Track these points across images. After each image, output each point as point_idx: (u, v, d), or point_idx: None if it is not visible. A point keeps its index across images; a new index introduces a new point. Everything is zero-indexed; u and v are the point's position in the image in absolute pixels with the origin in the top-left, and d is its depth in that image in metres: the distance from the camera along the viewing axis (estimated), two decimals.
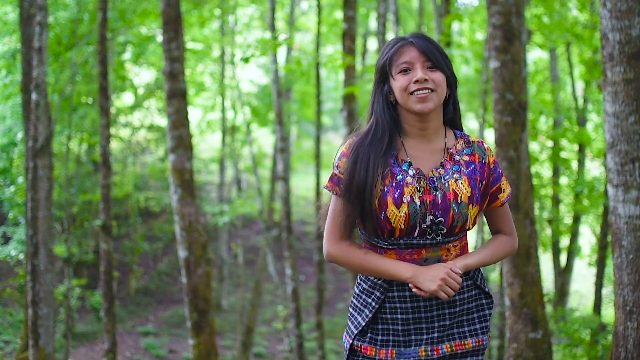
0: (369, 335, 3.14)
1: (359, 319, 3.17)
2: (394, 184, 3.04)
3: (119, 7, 17.19)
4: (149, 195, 28.37)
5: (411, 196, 3.02)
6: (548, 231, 19.29)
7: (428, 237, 3.06)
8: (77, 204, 21.68)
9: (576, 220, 18.87)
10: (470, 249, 3.28)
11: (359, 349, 3.15)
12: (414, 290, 3.01)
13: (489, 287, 3.20)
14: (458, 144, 3.19)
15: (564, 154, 18.74)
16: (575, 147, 18.91)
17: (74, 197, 20.58)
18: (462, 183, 3.07)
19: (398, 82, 3.06)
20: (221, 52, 26.20)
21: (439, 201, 3.03)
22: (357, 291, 3.22)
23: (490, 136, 21.22)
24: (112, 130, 24.68)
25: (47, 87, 11.74)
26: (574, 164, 19.08)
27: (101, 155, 12.75)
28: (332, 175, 3.15)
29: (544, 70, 21.45)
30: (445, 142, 3.17)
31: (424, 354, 3.08)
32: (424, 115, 3.07)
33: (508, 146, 6.50)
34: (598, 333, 11.30)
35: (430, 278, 2.98)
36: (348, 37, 10.21)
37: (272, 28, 16.49)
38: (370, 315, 3.11)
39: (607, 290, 18.88)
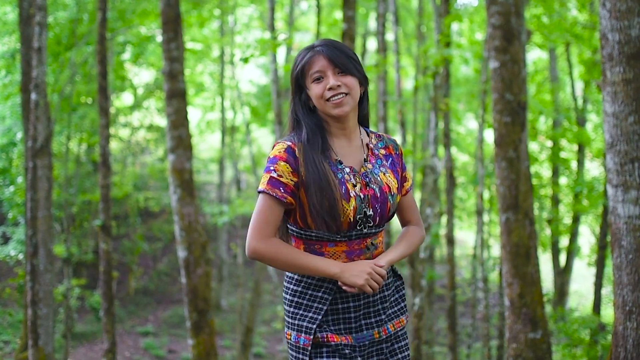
0: (326, 326, 3.26)
1: (311, 314, 3.26)
2: (336, 181, 3.22)
3: (118, 7, 17.20)
4: (148, 195, 28.38)
5: (354, 191, 3.22)
6: (547, 231, 19.32)
7: (369, 227, 3.27)
8: (76, 204, 21.69)
9: (576, 220, 18.89)
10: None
11: (325, 340, 3.24)
12: (342, 286, 3.17)
13: (398, 269, 3.52)
14: (372, 140, 3.45)
15: (563, 154, 18.76)
16: (575, 147, 18.93)
17: (74, 197, 20.58)
18: (389, 176, 3.35)
19: (313, 91, 3.25)
20: (221, 52, 26.22)
21: (378, 194, 3.27)
22: (299, 288, 3.31)
23: (489, 136, 21.22)
24: (112, 130, 24.70)
25: (46, 87, 11.72)
26: (574, 164, 19.10)
27: (101, 155, 12.74)
28: (270, 180, 3.21)
29: (544, 71, 21.48)
30: (362, 139, 3.41)
31: (377, 335, 3.31)
32: (342, 118, 3.28)
33: (507, 146, 6.50)
34: (597, 333, 11.30)
35: (357, 273, 3.15)
36: (347, 37, 10.18)
37: (272, 28, 16.49)
38: (324, 308, 3.23)
39: (607, 291, 18.88)
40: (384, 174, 3.32)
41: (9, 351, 18.09)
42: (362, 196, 3.21)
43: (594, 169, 21.30)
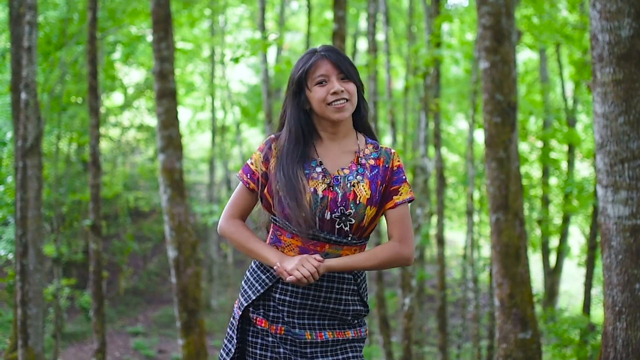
0: (261, 310, 3.39)
1: (249, 292, 3.41)
2: (303, 182, 3.31)
3: (108, 6, 17.17)
4: (138, 195, 28.36)
5: (314, 188, 3.28)
6: (537, 231, 19.38)
7: (335, 235, 3.29)
8: (66, 204, 21.65)
9: (565, 220, 18.93)
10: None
11: (254, 320, 3.40)
12: (275, 273, 3.28)
13: (368, 298, 3.51)
14: (367, 149, 3.44)
15: (553, 155, 18.79)
16: (565, 147, 18.96)
17: (64, 197, 20.54)
18: (363, 185, 3.31)
19: (316, 94, 3.31)
20: (211, 52, 26.21)
21: (339, 199, 3.27)
22: (254, 266, 3.49)
23: (480, 136, 21.25)
24: (102, 130, 24.66)
25: (36, 86, 11.69)
26: (564, 165, 19.14)
27: (91, 155, 12.71)
28: (245, 166, 3.47)
29: (534, 71, 21.54)
30: (358, 146, 3.44)
31: (309, 337, 3.32)
32: (339, 122, 3.36)
33: (498, 147, 6.51)
34: (587, 333, 11.34)
35: (292, 262, 3.22)
36: (338, 38, 10.18)
37: (262, 28, 16.48)
38: (261, 291, 3.37)
39: (597, 291, 18.95)
40: (358, 182, 3.31)
41: None
42: (321, 196, 3.27)
43: (584, 169, 21.34)
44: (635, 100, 4.27)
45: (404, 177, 3.38)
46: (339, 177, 3.32)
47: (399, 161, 3.42)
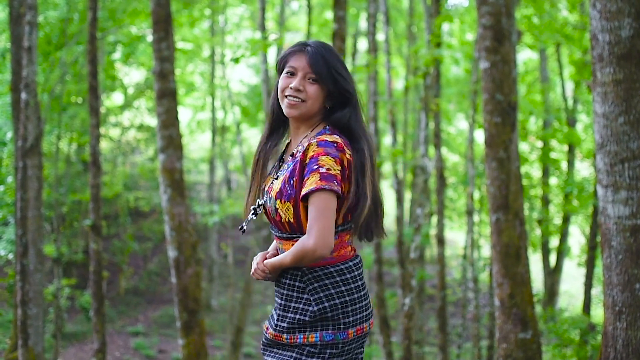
0: None
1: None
2: (256, 175, 3.52)
3: (109, 6, 17.17)
4: (138, 195, 28.35)
5: (265, 184, 3.43)
6: (538, 231, 19.36)
7: (276, 229, 3.36)
8: (66, 204, 21.65)
9: (566, 220, 18.92)
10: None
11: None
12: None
13: (319, 296, 3.25)
14: (305, 141, 3.32)
15: (553, 155, 18.78)
16: (565, 147, 18.96)
17: (64, 197, 20.54)
18: (280, 179, 3.30)
19: (280, 82, 3.38)
20: (211, 52, 26.20)
21: (265, 195, 3.39)
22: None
23: (480, 136, 21.26)
24: (102, 130, 24.66)
25: (36, 86, 11.70)
26: (564, 165, 19.13)
27: (91, 155, 12.71)
28: None
29: (534, 71, 21.53)
30: (300, 140, 3.42)
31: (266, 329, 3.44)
32: (291, 118, 3.40)
33: (498, 147, 6.51)
34: (587, 333, 11.34)
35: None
36: (338, 38, 10.18)
37: (262, 28, 16.49)
38: None
39: (597, 291, 18.94)
40: (279, 177, 3.32)
41: None
42: (265, 190, 3.37)
43: (584, 169, 21.34)
44: (635, 100, 4.27)
45: (315, 167, 3.12)
46: (279, 173, 3.36)
47: (314, 151, 3.16)
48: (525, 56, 23.22)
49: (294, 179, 3.20)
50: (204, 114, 29.30)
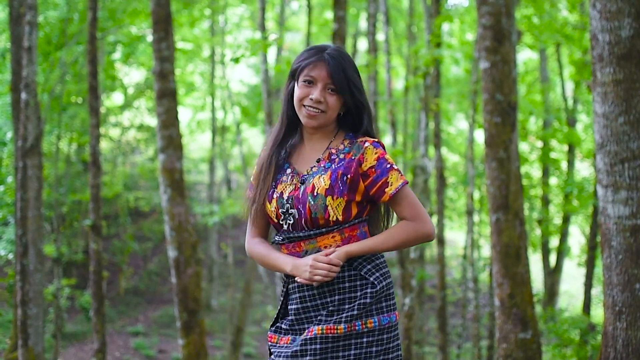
0: (277, 324, 3.39)
1: (278, 310, 3.44)
2: (274, 184, 3.39)
3: (109, 6, 17.17)
4: (138, 195, 28.35)
5: (281, 192, 3.34)
6: (538, 231, 19.37)
7: (296, 230, 3.31)
8: (66, 204, 21.65)
9: (566, 220, 18.93)
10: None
11: (269, 339, 3.39)
12: (298, 280, 3.24)
13: (376, 276, 3.29)
14: (342, 145, 3.39)
15: (553, 155, 18.79)
16: (565, 147, 18.96)
17: (64, 197, 20.54)
18: (323, 178, 3.27)
19: (298, 91, 3.32)
20: (211, 52, 26.19)
21: (300, 195, 3.28)
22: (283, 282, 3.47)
23: (480, 136, 21.26)
24: (102, 130, 24.65)
25: (36, 86, 11.70)
26: (564, 165, 19.13)
27: (91, 155, 12.70)
28: None
29: (534, 71, 21.54)
30: (332, 142, 3.42)
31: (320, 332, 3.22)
32: (309, 128, 3.38)
33: (498, 147, 6.51)
34: (587, 333, 11.34)
35: (303, 267, 3.22)
36: (338, 38, 10.18)
37: (262, 28, 16.47)
38: (280, 306, 3.40)
39: (597, 291, 18.94)
40: (320, 176, 3.28)
41: None
42: (286, 197, 3.30)
43: (584, 169, 21.34)
44: (635, 100, 4.27)
45: (388, 166, 3.28)
46: (307, 176, 3.33)
47: (376, 153, 3.29)
48: (525, 56, 23.22)
49: (348, 176, 3.25)
50: (204, 114, 29.28)
